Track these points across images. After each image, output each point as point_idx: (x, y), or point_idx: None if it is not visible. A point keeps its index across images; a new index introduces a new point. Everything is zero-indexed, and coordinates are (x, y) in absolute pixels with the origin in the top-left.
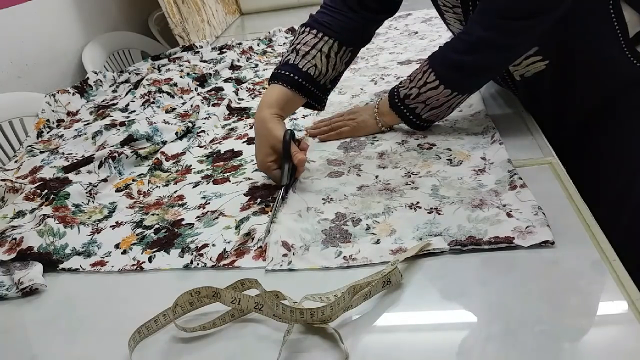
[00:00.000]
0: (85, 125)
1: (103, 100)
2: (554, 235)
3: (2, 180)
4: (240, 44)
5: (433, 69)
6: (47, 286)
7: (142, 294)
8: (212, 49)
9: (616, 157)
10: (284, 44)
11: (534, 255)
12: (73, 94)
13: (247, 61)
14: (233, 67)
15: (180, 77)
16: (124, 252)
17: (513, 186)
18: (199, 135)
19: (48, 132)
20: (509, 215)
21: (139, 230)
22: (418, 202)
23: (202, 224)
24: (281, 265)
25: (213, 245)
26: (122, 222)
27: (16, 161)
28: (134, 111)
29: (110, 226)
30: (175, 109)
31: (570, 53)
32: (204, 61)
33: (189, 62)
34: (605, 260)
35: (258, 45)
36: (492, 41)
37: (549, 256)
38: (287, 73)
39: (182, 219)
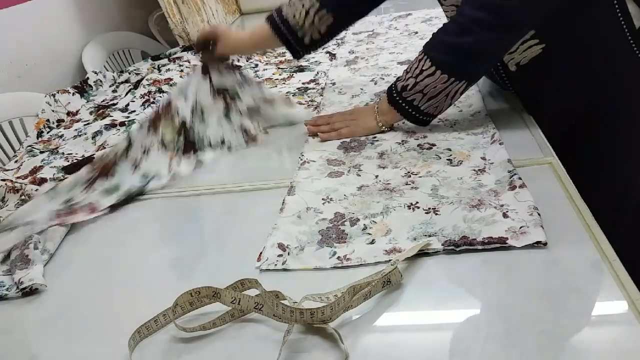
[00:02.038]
0: (85, 125)
1: (103, 100)
2: (554, 236)
3: (2, 180)
4: None
5: (427, 54)
6: (47, 286)
7: (142, 294)
8: None
9: (616, 156)
10: None
11: (534, 255)
12: (73, 94)
13: (247, 61)
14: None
15: (180, 77)
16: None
17: (512, 186)
18: None
19: (48, 132)
20: (504, 215)
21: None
22: (417, 202)
23: None
24: (275, 265)
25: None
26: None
27: (16, 161)
28: (134, 111)
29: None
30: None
31: (569, 40)
32: None
33: (189, 62)
34: (605, 260)
35: None
36: (483, 21)
37: (549, 256)
38: (272, 15)
39: None
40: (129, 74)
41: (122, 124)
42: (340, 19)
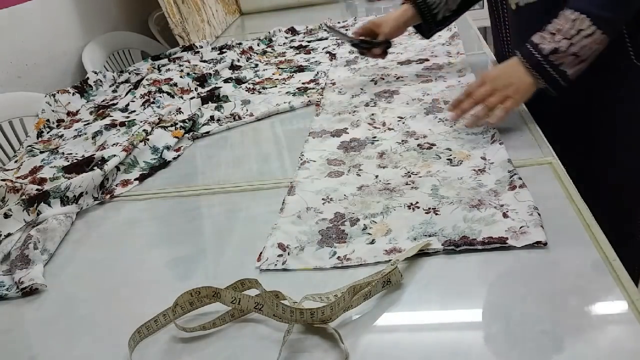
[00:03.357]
0: (85, 125)
1: (103, 100)
2: (554, 236)
3: (2, 180)
4: (240, 44)
5: (587, 13)
6: (47, 286)
7: (142, 294)
8: (212, 49)
9: (615, 155)
10: (284, 44)
11: (534, 255)
12: (73, 94)
13: (247, 61)
14: (233, 67)
15: (180, 77)
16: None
17: (512, 186)
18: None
19: (48, 132)
20: (505, 215)
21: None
22: (417, 202)
23: None
24: (275, 265)
25: None
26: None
27: (16, 161)
28: (134, 111)
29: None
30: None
31: None
32: (204, 61)
33: (189, 62)
34: (605, 260)
35: (258, 45)
36: None
37: (549, 256)
38: None
39: None
40: (129, 74)
41: (122, 124)
42: None
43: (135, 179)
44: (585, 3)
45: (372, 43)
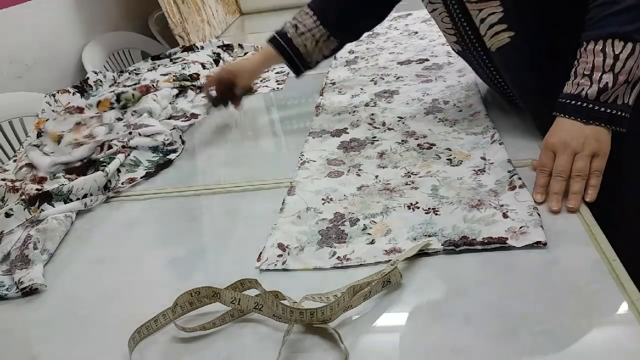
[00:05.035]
0: (91, 118)
1: None
2: (554, 236)
3: (2, 180)
4: (240, 44)
5: (612, 36)
6: (47, 286)
7: (142, 294)
8: (212, 49)
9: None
10: None
11: (534, 255)
12: (73, 94)
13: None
14: None
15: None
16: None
17: (512, 186)
18: None
19: None
20: (504, 215)
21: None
22: (417, 203)
23: None
24: (275, 265)
25: None
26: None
27: (16, 161)
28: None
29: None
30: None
31: (545, 29)
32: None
33: (189, 62)
34: (605, 260)
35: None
36: None
37: (549, 256)
38: (282, 44)
39: None
40: (129, 74)
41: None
42: (343, 42)
43: (142, 177)
44: (603, 28)
45: (231, 98)
